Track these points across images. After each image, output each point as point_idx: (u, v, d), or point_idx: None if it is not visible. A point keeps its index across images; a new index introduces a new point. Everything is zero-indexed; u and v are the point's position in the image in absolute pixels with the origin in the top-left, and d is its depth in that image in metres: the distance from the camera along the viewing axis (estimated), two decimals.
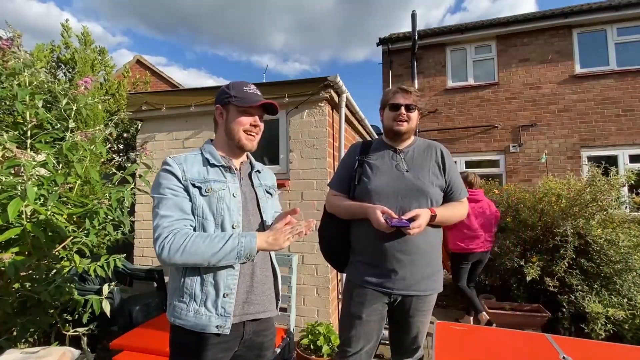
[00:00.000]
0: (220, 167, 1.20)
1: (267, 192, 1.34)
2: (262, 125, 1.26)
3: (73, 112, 2.07)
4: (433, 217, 1.39)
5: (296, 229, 1.13)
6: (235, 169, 1.25)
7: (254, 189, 1.28)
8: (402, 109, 1.50)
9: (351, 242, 1.59)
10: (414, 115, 1.53)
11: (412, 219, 1.33)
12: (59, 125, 2.14)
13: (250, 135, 1.23)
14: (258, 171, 1.35)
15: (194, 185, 1.13)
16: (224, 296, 1.10)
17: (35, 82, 2.04)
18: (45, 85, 2.09)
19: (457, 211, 1.53)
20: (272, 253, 1.28)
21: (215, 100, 1.26)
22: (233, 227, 1.14)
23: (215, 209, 1.14)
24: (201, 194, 1.13)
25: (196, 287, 1.10)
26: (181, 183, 1.13)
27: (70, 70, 5.40)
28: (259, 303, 1.19)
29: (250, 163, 1.36)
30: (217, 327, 1.09)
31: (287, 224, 1.16)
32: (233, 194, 1.18)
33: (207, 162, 1.19)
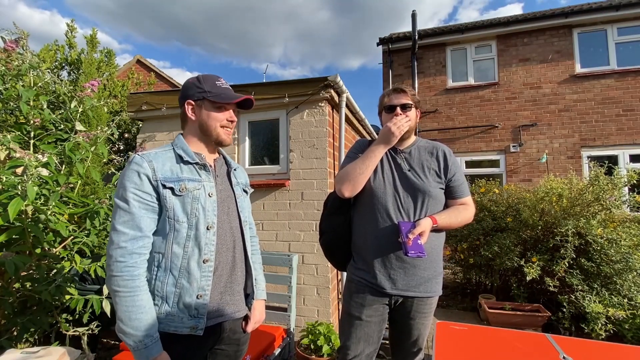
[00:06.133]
0: (194, 165, 1.13)
1: (244, 191, 1.32)
2: (236, 119, 1.23)
3: (79, 114, 2.08)
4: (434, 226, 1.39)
5: None
6: (210, 166, 1.20)
7: (232, 187, 1.24)
8: (398, 109, 1.50)
9: (352, 242, 1.58)
10: (412, 113, 1.52)
11: (414, 225, 1.34)
12: (62, 126, 2.14)
13: (228, 130, 1.20)
14: (235, 169, 1.31)
15: (165, 187, 1.04)
16: (197, 297, 1.06)
17: (39, 83, 2.04)
18: (50, 87, 2.09)
19: (461, 216, 1.49)
20: (250, 250, 1.26)
21: (183, 95, 1.18)
22: (208, 229, 1.09)
23: (190, 210, 1.07)
24: (174, 194, 1.06)
25: (167, 289, 1.04)
26: (151, 184, 1.03)
27: (75, 70, 5.42)
28: (234, 304, 1.17)
29: (225, 160, 1.31)
30: (190, 328, 1.05)
31: None
32: (209, 194, 1.12)
33: (180, 159, 1.11)
